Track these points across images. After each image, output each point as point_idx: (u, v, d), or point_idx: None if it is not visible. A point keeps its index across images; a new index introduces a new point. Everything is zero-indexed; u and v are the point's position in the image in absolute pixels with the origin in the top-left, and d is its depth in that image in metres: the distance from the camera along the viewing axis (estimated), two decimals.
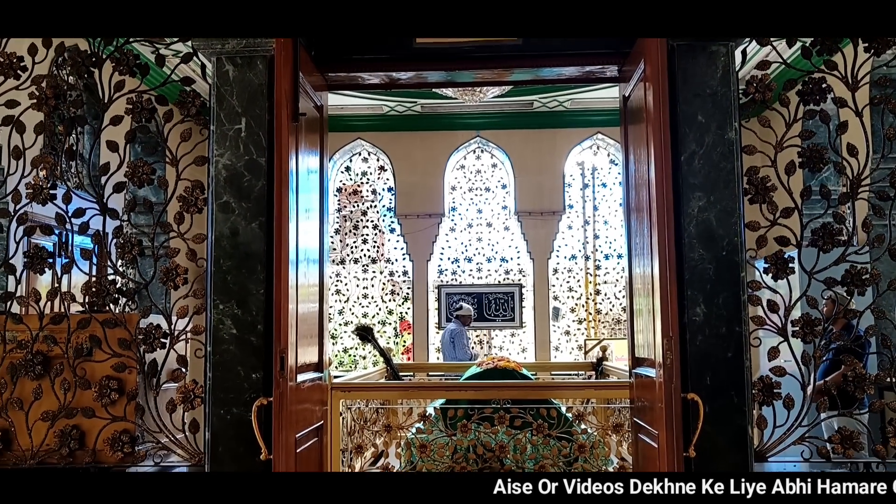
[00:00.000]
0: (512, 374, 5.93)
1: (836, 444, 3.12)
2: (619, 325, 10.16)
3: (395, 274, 10.54)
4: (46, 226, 3.40)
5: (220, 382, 3.06)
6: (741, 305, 3.00)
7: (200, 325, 3.21)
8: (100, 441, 3.24)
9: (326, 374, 3.68)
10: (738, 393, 2.97)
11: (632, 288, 3.51)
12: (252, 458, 2.98)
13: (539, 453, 5.03)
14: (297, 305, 3.06)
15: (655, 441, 3.02)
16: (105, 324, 3.26)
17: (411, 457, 5.14)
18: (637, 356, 3.41)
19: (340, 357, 10.33)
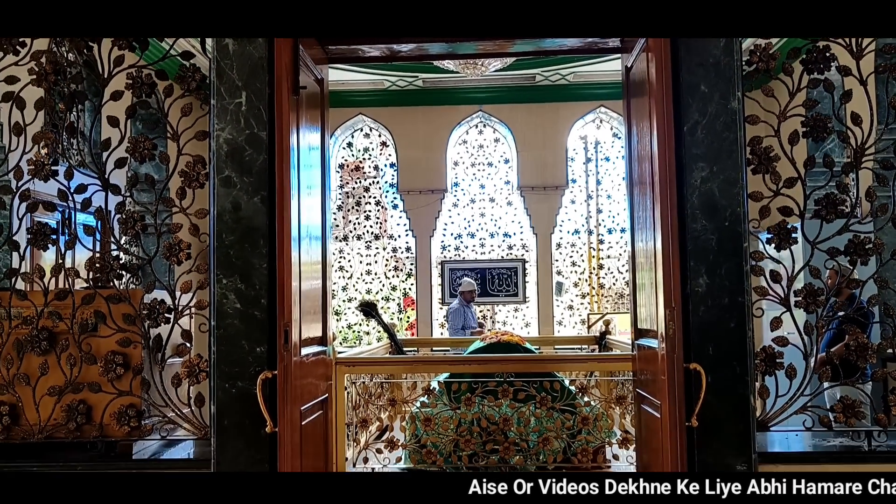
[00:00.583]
0: (515, 348, 5.96)
1: (838, 413, 3.14)
2: (622, 300, 10.18)
3: (398, 250, 10.55)
4: (49, 202, 3.40)
5: (224, 356, 3.08)
6: (744, 276, 3.00)
7: (204, 300, 3.22)
8: (106, 415, 3.27)
9: (331, 350, 3.70)
10: (741, 363, 2.98)
11: (635, 262, 3.51)
12: (257, 430, 3.01)
13: (543, 426, 5.07)
14: (301, 283, 3.08)
15: (658, 411, 3.04)
16: (109, 299, 3.28)
17: (416, 430, 5.19)
18: (640, 328, 3.43)
19: (344, 333, 10.38)
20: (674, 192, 2.94)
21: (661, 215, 2.92)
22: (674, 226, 2.93)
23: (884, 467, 3.05)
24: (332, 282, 9.22)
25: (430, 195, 10.01)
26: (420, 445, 5.13)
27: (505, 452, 4.99)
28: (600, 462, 5.11)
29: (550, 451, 5.06)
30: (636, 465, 3.65)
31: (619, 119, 9.53)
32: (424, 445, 5.10)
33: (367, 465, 5.10)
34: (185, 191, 3.27)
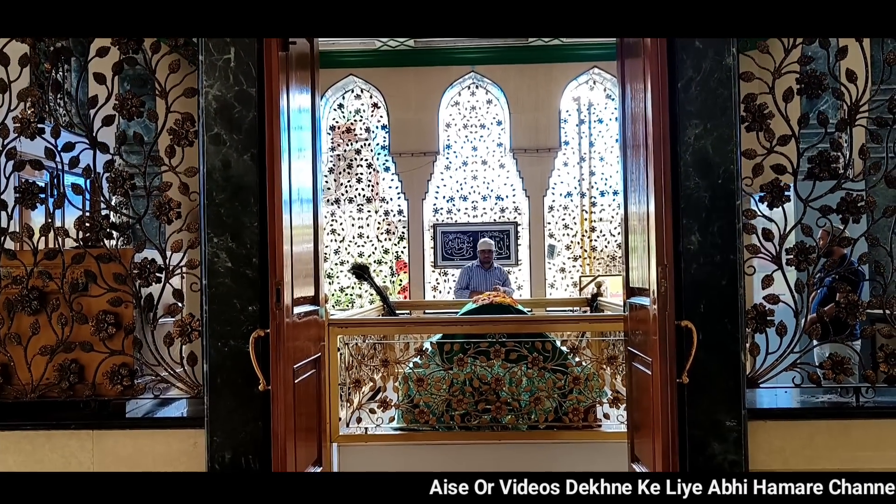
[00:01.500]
0: (507, 310, 6.00)
1: (828, 369, 3.17)
2: (613, 262, 10.22)
3: (390, 213, 10.53)
4: (36, 161, 3.36)
5: (216, 315, 3.08)
6: (736, 234, 3.01)
7: (195, 259, 3.21)
8: (99, 374, 3.27)
9: (323, 311, 3.71)
10: (732, 320, 3.00)
11: (627, 225, 3.51)
12: (251, 389, 3.02)
13: (534, 386, 5.12)
14: (293, 246, 3.06)
15: (649, 369, 3.06)
16: (99, 259, 3.26)
17: (409, 391, 5.23)
18: (632, 286, 3.44)
19: (337, 296, 10.40)
20: (667, 149, 2.93)
21: (655, 172, 2.92)
22: (667, 183, 2.92)
23: (870, 422, 3.11)
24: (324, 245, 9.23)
25: (422, 157, 9.97)
26: (413, 405, 5.18)
27: (497, 412, 5.04)
28: (591, 421, 5.17)
29: (542, 410, 5.11)
30: (627, 423, 3.69)
31: (612, 80, 9.47)
32: (417, 405, 5.14)
33: (360, 424, 5.15)
34: (174, 149, 3.23)
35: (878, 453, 3.09)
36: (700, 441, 2.99)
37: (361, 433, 5.14)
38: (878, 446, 3.08)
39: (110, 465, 3.19)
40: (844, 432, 3.10)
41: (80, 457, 3.18)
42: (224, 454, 3.05)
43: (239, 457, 3.04)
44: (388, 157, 10.15)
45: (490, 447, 5.08)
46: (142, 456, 3.18)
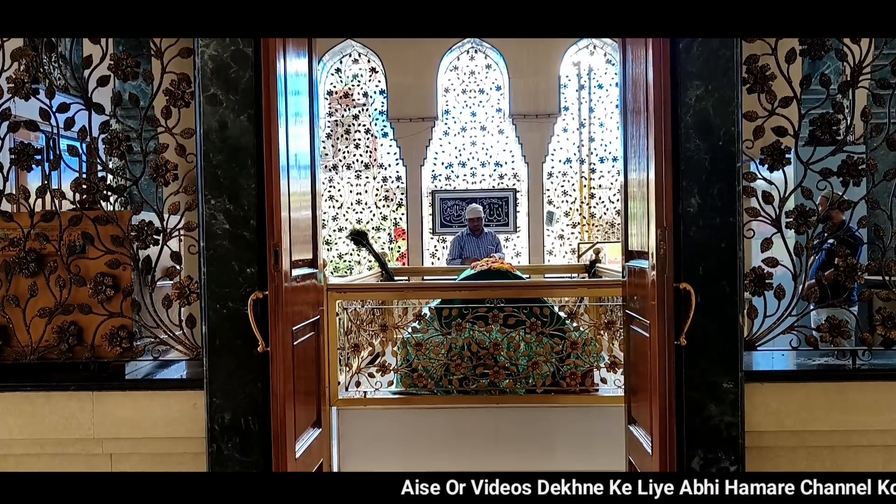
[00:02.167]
0: (506, 275, 6.01)
1: (825, 332, 3.18)
2: (612, 229, 10.22)
3: (388, 179, 10.50)
4: (31, 122, 3.33)
5: (214, 277, 3.07)
6: (736, 196, 2.99)
7: (193, 222, 3.20)
8: (98, 337, 3.28)
9: (322, 276, 3.71)
10: (730, 283, 3.00)
11: (627, 191, 3.50)
12: (249, 350, 3.03)
13: (532, 351, 5.15)
14: (290, 212, 3.05)
15: (647, 331, 3.07)
16: (97, 221, 3.25)
17: (407, 355, 5.26)
18: (631, 249, 3.44)
19: (335, 263, 10.41)
20: (668, 110, 2.91)
21: (655, 133, 2.90)
22: (667, 145, 2.91)
23: (865, 385, 3.13)
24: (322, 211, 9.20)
25: (420, 123, 9.91)
26: (411, 370, 5.21)
27: (495, 376, 5.08)
28: (588, 385, 5.21)
29: (539, 374, 5.14)
30: (624, 387, 3.72)
31: (612, 45, 9.38)
32: (416, 370, 5.17)
33: (360, 388, 5.19)
34: (170, 110, 3.21)
35: (874, 416, 3.12)
36: (697, 403, 3.01)
37: (360, 397, 5.18)
38: (874, 408, 3.11)
39: (110, 427, 3.22)
40: (840, 394, 3.12)
41: (80, 418, 3.20)
42: (224, 415, 3.07)
43: (238, 418, 3.06)
44: (386, 123, 10.09)
45: (488, 411, 5.13)
46: (142, 417, 3.20)
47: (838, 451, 3.19)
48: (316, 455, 3.38)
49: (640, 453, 3.27)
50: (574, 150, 10.37)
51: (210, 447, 3.07)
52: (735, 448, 3.01)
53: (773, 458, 3.18)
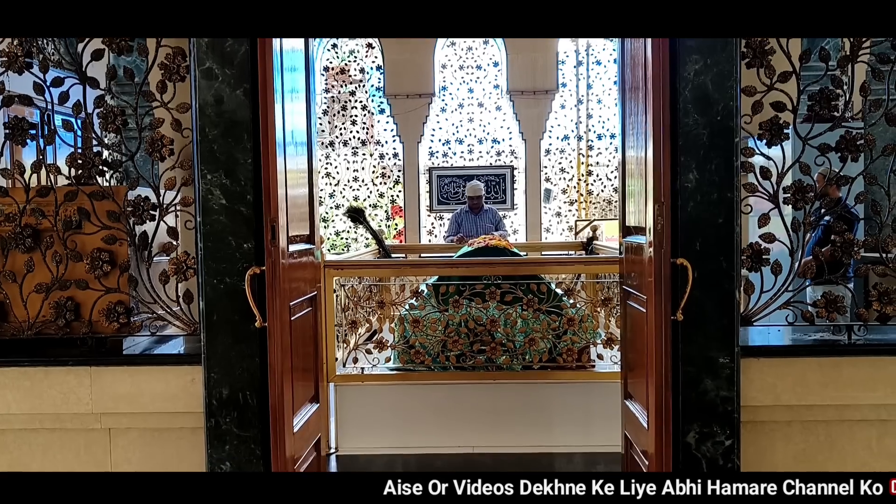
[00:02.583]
0: (503, 252, 6.02)
1: (821, 308, 3.19)
2: (610, 206, 10.22)
3: (385, 156, 10.47)
4: (25, 96, 3.31)
5: (211, 253, 3.07)
6: (734, 171, 2.99)
7: (189, 197, 3.19)
8: (95, 312, 3.28)
9: (319, 253, 3.70)
10: (727, 258, 3.01)
11: (625, 169, 3.49)
12: (247, 326, 3.04)
13: (529, 327, 5.17)
14: (287, 189, 3.04)
15: (644, 307, 3.08)
16: (92, 196, 3.24)
17: (405, 332, 5.28)
18: (628, 225, 3.44)
19: (332, 241, 10.41)
20: (667, 83, 2.89)
21: (654, 107, 2.89)
22: (665, 119, 2.89)
23: (861, 360, 3.15)
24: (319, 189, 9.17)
25: (417, 99, 9.86)
26: (409, 346, 5.23)
27: (492, 352, 5.11)
28: (584, 361, 5.25)
29: (536, 350, 5.17)
30: (620, 363, 3.74)
31: None
32: (413, 346, 5.20)
33: (357, 364, 5.22)
34: (165, 84, 3.18)
35: (868, 391, 3.14)
36: (693, 378, 3.03)
37: (358, 373, 5.21)
38: (868, 383, 3.13)
39: (108, 402, 3.23)
40: (835, 369, 3.14)
41: (79, 393, 3.21)
42: (222, 390, 3.08)
43: (236, 393, 3.07)
44: (383, 99, 10.03)
45: (485, 387, 5.16)
46: (140, 392, 3.21)
47: (833, 426, 3.22)
48: (314, 430, 3.40)
49: (636, 428, 3.30)
50: (572, 126, 10.33)
51: (208, 422, 3.09)
52: (730, 422, 3.03)
53: (768, 433, 3.20)
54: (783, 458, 3.22)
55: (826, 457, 3.22)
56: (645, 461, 3.13)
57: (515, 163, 10.24)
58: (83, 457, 3.33)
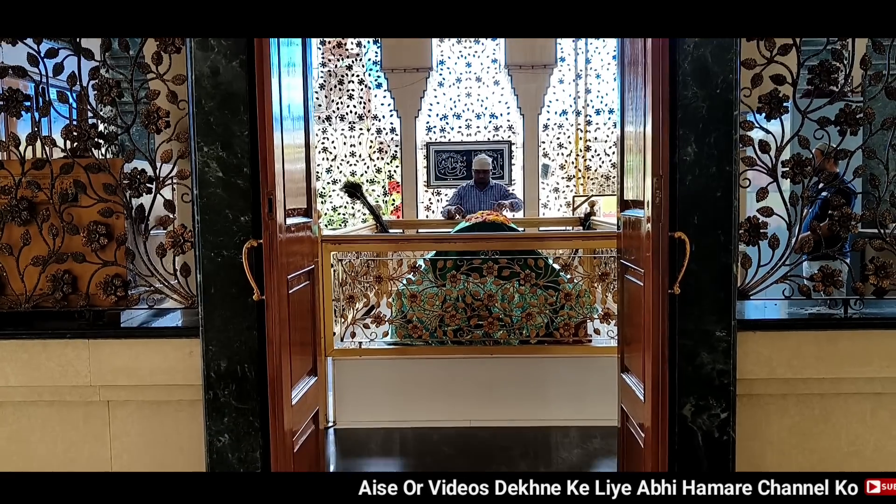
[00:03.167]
0: (500, 227, 6.03)
1: (818, 282, 3.21)
2: (608, 182, 10.20)
3: (382, 131, 10.42)
4: (19, 67, 3.28)
5: (208, 226, 3.07)
6: (733, 145, 2.98)
7: (186, 169, 3.18)
8: (92, 285, 3.28)
9: (316, 228, 3.70)
10: (725, 232, 3.01)
11: (623, 145, 3.48)
12: (245, 299, 3.04)
13: (526, 302, 5.19)
14: (284, 164, 3.03)
15: (641, 280, 3.09)
16: (88, 169, 3.23)
17: (402, 306, 5.30)
18: (626, 199, 3.44)
19: (330, 216, 10.40)
20: (666, 56, 2.88)
21: (653, 80, 2.88)
22: (664, 92, 2.88)
23: (856, 333, 3.17)
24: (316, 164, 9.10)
25: (414, 74, 9.79)
26: (406, 321, 5.25)
27: (489, 327, 5.13)
28: (581, 336, 5.27)
29: (533, 325, 5.20)
30: (617, 337, 3.76)
31: None
32: (410, 321, 5.22)
33: (355, 339, 5.24)
34: (160, 55, 3.16)
35: (863, 364, 3.16)
36: (690, 351, 3.04)
37: (356, 347, 5.24)
38: (864, 356, 3.15)
39: (107, 374, 3.24)
40: (831, 343, 3.16)
41: (77, 365, 3.23)
42: (220, 363, 3.10)
43: (234, 365, 3.08)
44: (380, 74, 9.97)
45: (482, 361, 5.19)
46: (138, 365, 3.23)
47: (827, 399, 3.25)
48: (312, 402, 3.43)
49: (632, 401, 3.32)
50: (570, 101, 10.29)
51: (206, 394, 3.10)
52: (726, 395, 3.05)
53: (764, 406, 3.23)
54: (778, 430, 3.25)
55: (820, 430, 3.25)
56: (641, 434, 3.16)
57: (513, 138, 10.20)
58: (82, 429, 3.35)
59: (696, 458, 3.06)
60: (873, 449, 3.25)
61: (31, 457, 3.35)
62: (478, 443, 4.85)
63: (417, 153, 10.10)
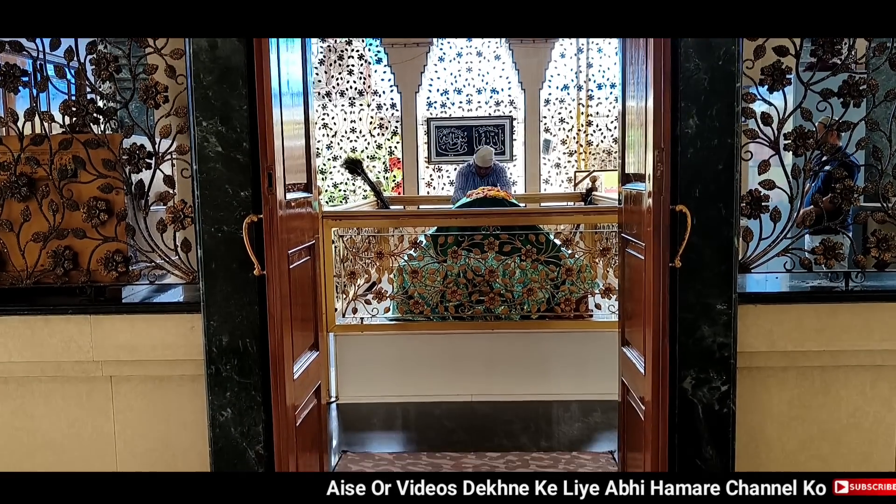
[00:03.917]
0: (502, 203, 6.03)
1: (819, 255, 3.21)
2: (609, 157, 10.16)
3: (382, 107, 10.37)
4: (16, 42, 3.26)
5: (208, 201, 3.07)
6: (735, 117, 2.97)
7: (185, 145, 3.18)
8: (93, 261, 3.29)
9: (317, 204, 3.70)
10: (727, 205, 3.00)
11: (625, 120, 3.47)
12: (246, 274, 3.05)
13: (527, 277, 5.21)
14: (283, 141, 3.02)
15: (642, 254, 3.09)
16: (87, 144, 3.22)
17: (403, 282, 5.32)
18: (627, 172, 3.44)
19: (330, 193, 10.38)
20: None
21: (654, 52, 2.86)
22: (666, 64, 2.87)
23: (857, 306, 3.18)
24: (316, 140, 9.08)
25: (415, 48, 9.73)
26: (408, 297, 5.27)
27: (490, 303, 5.15)
28: (583, 311, 5.29)
29: (535, 300, 5.22)
30: (618, 312, 3.76)
31: None
32: (412, 297, 5.24)
33: (356, 315, 5.26)
34: None
35: (864, 337, 3.17)
36: (691, 324, 3.05)
37: (357, 323, 5.26)
38: (864, 329, 3.16)
39: (109, 350, 3.26)
40: (832, 316, 3.16)
41: (79, 341, 3.24)
42: (221, 338, 3.11)
43: (236, 340, 3.10)
44: (380, 48, 9.91)
45: (483, 336, 5.22)
46: (140, 340, 3.24)
47: (828, 371, 3.26)
48: (314, 377, 3.45)
49: (633, 374, 3.34)
50: (572, 76, 10.22)
51: (208, 369, 3.12)
52: (727, 368, 3.07)
53: (764, 379, 3.25)
54: (778, 403, 3.27)
55: (820, 402, 3.27)
56: (641, 407, 3.18)
57: (514, 113, 10.16)
58: (85, 404, 3.37)
59: (697, 430, 3.09)
60: (873, 421, 3.27)
61: (35, 431, 3.38)
62: (479, 417, 4.89)
63: (418, 129, 10.06)
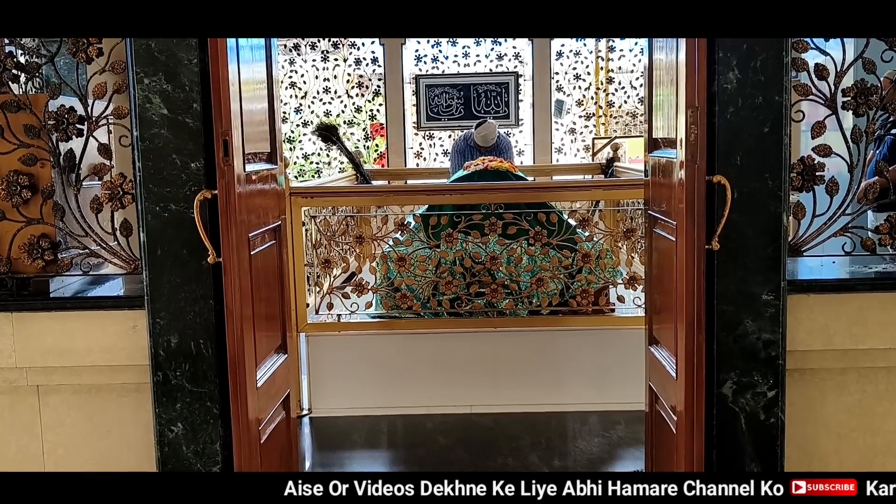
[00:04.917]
0: (505, 176, 6.02)
1: (884, 234, 3.22)
2: (634, 121, 10.13)
3: (362, 62, 10.32)
4: None
5: (153, 175, 3.06)
6: (783, 69, 2.97)
7: (124, 107, 3.17)
8: (14, 248, 3.29)
9: (283, 179, 3.69)
10: (774, 176, 3.01)
11: (652, 77, 3.46)
12: (198, 262, 3.05)
13: (536, 265, 5.20)
14: (242, 102, 3.00)
15: (673, 234, 3.09)
16: (5, 107, 3.21)
17: (388, 272, 5.31)
18: (655, 137, 3.43)
19: (301, 165, 10.34)
20: None
21: None
22: None
23: None
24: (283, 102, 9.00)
25: None
26: (393, 289, 5.27)
27: (492, 295, 5.15)
28: (603, 305, 5.30)
29: (545, 293, 5.22)
30: (645, 305, 3.77)
31: None
32: (398, 289, 5.24)
33: (332, 311, 5.26)
34: None
35: None
36: (731, 317, 3.06)
37: (333, 321, 5.26)
38: None
39: (35, 354, 3.26)
40: None
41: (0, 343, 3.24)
42: (170, 338, 3.11)
43: (188, 341, 3.10)
44: None
45: (484, 336, 5.22)
46: (72, 342, 3.24)
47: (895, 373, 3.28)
48: (281, 385, 3.45)
49: (662, 378, 3.35)
50: None
51: (155, 376, 3.13)
52: (774, 370, 3.08)
53: (819, 382, 3.27)
54: (835, 411, 3.29)
55: (886, 409, 3.30)
56: (673, 417, 3.19)
57: (521, 69, 10.11)
58: (8, 419, 3.38)
59: (738, 444, 3.11)
60: None
61: None
62: (480, 432, 4.90)
63: (405, 88, 10.01)
